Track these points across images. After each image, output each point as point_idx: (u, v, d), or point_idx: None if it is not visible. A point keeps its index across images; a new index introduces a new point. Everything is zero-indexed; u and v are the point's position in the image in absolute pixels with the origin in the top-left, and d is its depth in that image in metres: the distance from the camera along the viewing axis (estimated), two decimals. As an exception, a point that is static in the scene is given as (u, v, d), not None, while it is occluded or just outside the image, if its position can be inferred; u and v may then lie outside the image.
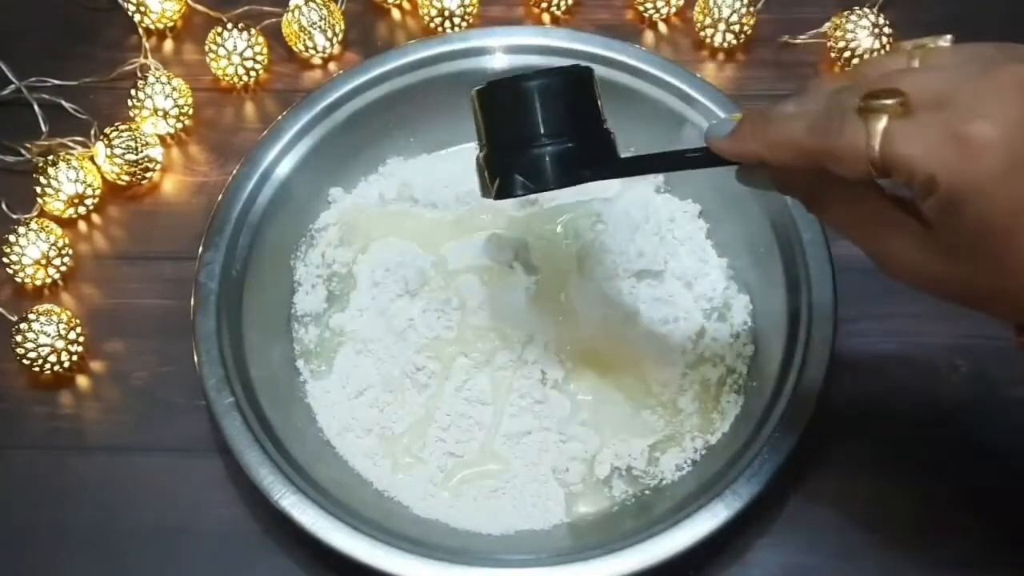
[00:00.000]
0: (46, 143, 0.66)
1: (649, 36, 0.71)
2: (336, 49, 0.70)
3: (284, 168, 0.62)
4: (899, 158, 0.35)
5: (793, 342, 0.55)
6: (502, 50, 0.64)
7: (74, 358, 0.59)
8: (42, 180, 0.63)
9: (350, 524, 0.51)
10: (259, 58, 0.68)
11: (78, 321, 0.59)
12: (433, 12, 0.69)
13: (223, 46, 0.68)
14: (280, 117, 0.63)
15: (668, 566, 0.50)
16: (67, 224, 0.64)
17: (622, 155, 0.47)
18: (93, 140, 0.65)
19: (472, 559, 0.51)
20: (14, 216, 0.63)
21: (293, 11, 0.69)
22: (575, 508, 0.55)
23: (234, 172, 0.61)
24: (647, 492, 0.55)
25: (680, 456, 0.56)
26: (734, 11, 0.68)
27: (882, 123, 0.35)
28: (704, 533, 0.50)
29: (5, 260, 0.61)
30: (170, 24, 0.71)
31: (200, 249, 0.58)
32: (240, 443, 0.53)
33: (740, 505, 0.50)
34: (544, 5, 0.71)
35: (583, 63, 0.47)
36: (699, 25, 0.69)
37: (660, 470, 0.56)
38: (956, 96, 0.34)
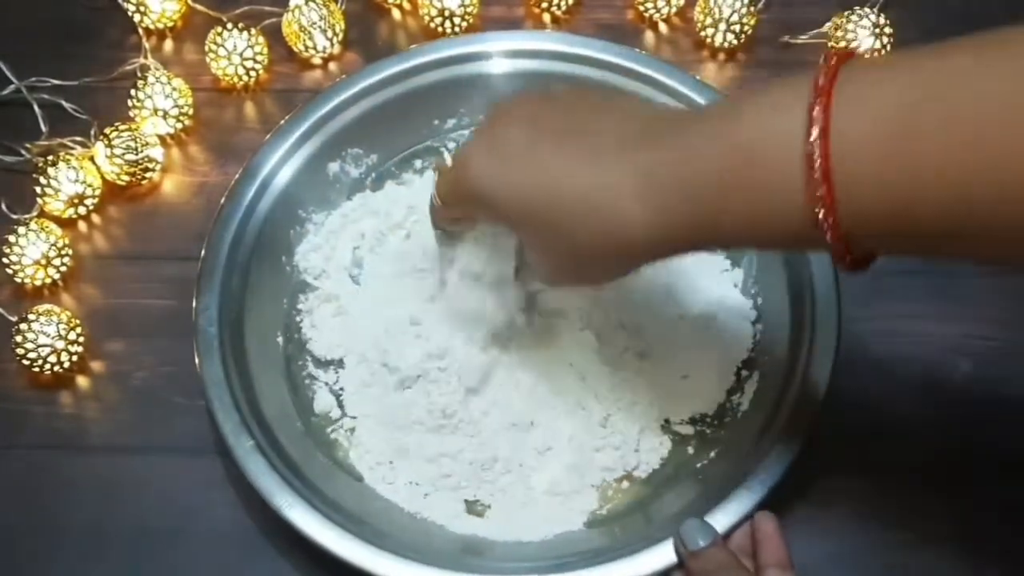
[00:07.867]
0: (46, 143, 0.66)
1: (649, 36, 0.71)
2: (336, 49, 0.70)
3: (284, 176, 0.62)
4: None
5: (797, 347, 0.55)
6: (505, 54, 0.64)
7: (74, 358, 0.59)
8: (42, 180, 0.63)
9: (349, 529, 0.50)
10: (259, 58, 0.68)
11: (78, 321, 0.59)
12: (433, 12, 0.69)
13: (223, 46, 0.67)
14: (282, 122, 0.62)
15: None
16: (67, 224, 0.64)
17: None
18: (93, 140, 0.65)
19: (469, 566, 0.51)
20: (14, 216, 0.63)
21: (293, 11, 0.69)
22: (588, 516, 0.55)
23: (235, 176, 0.61)
24: (653, 495, 0.55)
25: (684, 459, 0.56)
26: (735, 11, 0.68)
27: None
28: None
29: (5, 260, 0.61)
30: (170, 24, 0.71)
31: (204, 244, 0.58)
32: (239, 444, 0.53)
33: (744, 510, 0.50)
34: (544, 5, 0.71)
35: None
36: (700, 25, 0.69)
37: (667, 475, 0.56)
38: None
